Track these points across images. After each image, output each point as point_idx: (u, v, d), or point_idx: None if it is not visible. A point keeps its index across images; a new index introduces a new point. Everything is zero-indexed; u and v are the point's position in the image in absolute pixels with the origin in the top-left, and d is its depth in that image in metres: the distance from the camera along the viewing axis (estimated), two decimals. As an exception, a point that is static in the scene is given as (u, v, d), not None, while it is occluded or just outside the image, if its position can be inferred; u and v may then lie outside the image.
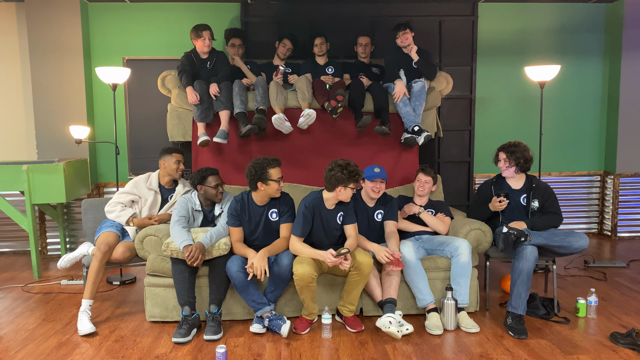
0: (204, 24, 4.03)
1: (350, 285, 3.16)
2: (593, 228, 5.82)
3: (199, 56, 4.11)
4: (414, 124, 3.96)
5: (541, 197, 3.52)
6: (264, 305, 3.14)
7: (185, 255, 3.06)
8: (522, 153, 3.52)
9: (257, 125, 3.81)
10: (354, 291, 3.17)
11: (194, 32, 4.02)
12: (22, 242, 5.30)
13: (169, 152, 3.62)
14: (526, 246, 3.20)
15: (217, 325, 3.10)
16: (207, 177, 3.38)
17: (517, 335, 3.04)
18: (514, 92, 5.59)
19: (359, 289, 3.17)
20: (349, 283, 3.16)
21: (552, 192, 3.55)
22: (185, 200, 3.39)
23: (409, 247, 3.33)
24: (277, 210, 3.32)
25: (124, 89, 5.27)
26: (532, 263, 3.15)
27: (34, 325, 3.34)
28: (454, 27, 5.26)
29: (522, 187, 3.58)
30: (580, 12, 5.53)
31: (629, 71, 5.43)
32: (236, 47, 4.41)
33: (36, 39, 4.96)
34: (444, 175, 5.30)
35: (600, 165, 5.76)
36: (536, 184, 3.54)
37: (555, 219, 3.47)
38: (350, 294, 3.18)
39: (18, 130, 5.28)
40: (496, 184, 3.64)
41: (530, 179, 3.59)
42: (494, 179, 3.68)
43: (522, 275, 3.15)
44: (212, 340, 3.05)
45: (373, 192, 3.41)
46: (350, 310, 3.22)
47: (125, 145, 5.34)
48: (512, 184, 3.60)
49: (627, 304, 3.60)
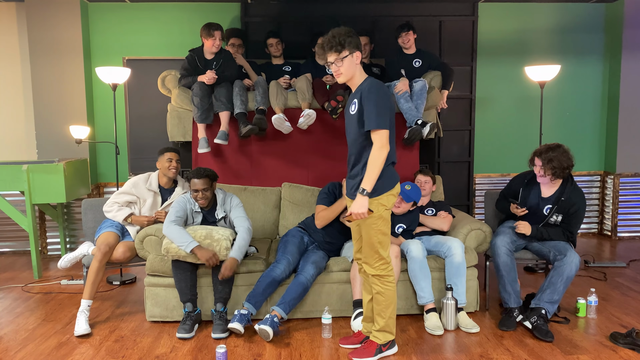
0: (216, 23, 3.95)
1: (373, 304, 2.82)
2: (593, 228, 5.82)
3: (203, 57, 4.05)
4: (417, 118, 3.94)
5: (567, 212, 3.25)
6: (254, 305, 3.11)
7: (203, 260, 3.07)
8: (560, 160, 3.16)
9: (257, 126, 3.80)
10: (387, 309, 2.76)
11: (205, 31, 3.93)
12: (22, 242, 5.30)
13: (161, 152, 3.61)
14: (496, 241, 3.29)
15: (225, 324, 3.10)
16: (190, 179, 3.27)
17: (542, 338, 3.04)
18: (514, 92, 5.59)
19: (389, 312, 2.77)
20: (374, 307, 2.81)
21: (581, 206, 3.23)
22: (184, 201, 3.31)
23: (417, 244, 3.32)
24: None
25: (124, 89, 5.27)
26: (504, 257, 3.24)
27: (34, 325, 3.34)
28: (454, 27, 5.26)
29: (552, 196, 3.29)
30: (580, 12, 5.53)
31: (629, 71, 5.43)
32: (236, 47, 4.40)
33: (36, 39, 4.96)
34: (444, 175, 5.31)
35: (600, 165, 5.77)
36: (566, 198, 3.23)
37: (564, 236, 3.29)
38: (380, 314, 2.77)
39: (18, 130, 5.28)
40: (527, 186, 3.39)
41: (563, 188, 3.26)
42: (527, 179, 3.40)
43: (499, 271, 3.28)
44: (221, 338, 3.06)
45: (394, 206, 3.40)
46: (375, 337, 2.80)
47: (125, 145, 5.34)
48: (544, 190, 3.33)
49: (627, 304, 3.60)
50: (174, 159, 3.56)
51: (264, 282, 3.14)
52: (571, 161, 3.20)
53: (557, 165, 3.17)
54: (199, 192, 3.22)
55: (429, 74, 4.29)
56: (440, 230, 3.60)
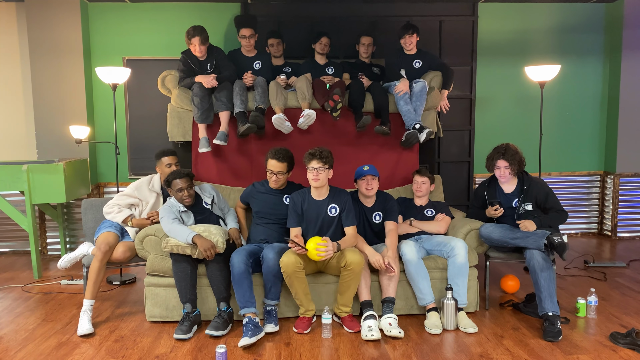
0: (194, 29, 3.87)
1: (342, 286, 3.16)
2: (593, 228, 5.82)
3: (195, 58, 4.04)
4: (415, 121, 3.95)
5: (535, 199, 3.45)
6: (250, 305, 3.12)
7: (202, 248, 3.09)
8: (519, 155, 3.45)
9: (255, 124, 3.80)
10: (347, 292, 3.17)
11: (185, 37, 3.91)
12: (22, 242, 5.30)
13: (159, 157, 3.63)
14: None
15: (221, 323, 3.10)
16: (171, 182, 3.33)
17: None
18: (514, 92, 5.59)
19: (352, 289, 3.17)
20: (342, 284, 3.16)
21: (548, 189, 3.47)
22: (169, 207, 3.35)
23: (411, 246, 3.33)
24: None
25: (124, 89, 5.27)
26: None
27: (34, 325, 3.34)
28: (454, 27, 5.26)
29: (515, 190, 3.51)
30: (580, 12, 5.53)
31: (629, 71, 5.43)
32: (247, 38, 4.18)
33: (36, 39, 4.96)
34: (444, 175, 5.30)
35: (600, 165, 5.76)
36: (527, 186, 3.46)
37: (560, 217, 3.42)
38: (343, 294, 3.18)
39: (18, 130, 5.27)
40: (489, 189, 3.59)
41: (522, 180, 3.51)
42: (487, 183, 3.62)
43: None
44: (211, 335, 3.06)
45: (366, 190, 3.43)
46: (345, 311, 3.22)
47: (125, 145, 5.34)
48: (506, 188, 3.53)
49: (627, 304, 3.60)
50: (172, 164, 3.60)
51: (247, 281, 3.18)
52: (524, 157, 3.53)
53: (519, 159, 3.44)
54: (184, 190, 3.32)
55: (429, 74, 4.30)
56: (438, 233, 3.60)
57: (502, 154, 3.44)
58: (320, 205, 3.31)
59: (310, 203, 3.31)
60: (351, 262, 3.07)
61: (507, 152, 3.42)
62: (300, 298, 3.18)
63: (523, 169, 3.52)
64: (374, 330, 3.02)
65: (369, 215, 3.51)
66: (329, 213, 3.30)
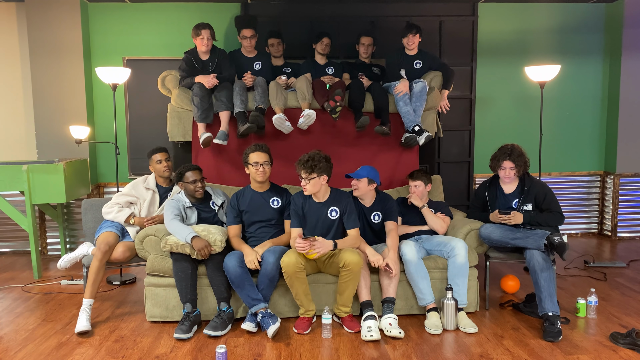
0: (205, 23, 4.00)
1: (341, 286, 3.16)
2: (593, 228, 5.82)
3: (199, 58, 4.08)
4: (414, 123, 3.96)
5: (534, 199, 3.46)
6: (259, 301, 3.13)
7: (197, 248, 3.11)
8: (524, 156, 3.47)
9: (254, 124, 3.80)
10: (346, 291, 3.16)
11: (194, 30, 3.99)
12: (22, 242, 5.30)
13: (149, 155, 3.66)
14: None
15: (220, 323, 3.10)
16: (184, 174, 3.40)
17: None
18: (514, 92, 5.59)
19: (351, 289, 3.16)
20: (340, 284, 3.16)
21: (548, 190, 3.48)
22: (175, 201, 3.42)
23: (411, 246, 3.33)
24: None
25: (124, 89, 5.27)
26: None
27: (34, 325, 3.34)
28: (454, 27, 5.26)
29: (515, 190, 3.52)
30: (580, 12, 5.53)
31: (629, 71, 5.43)
32: (248, 38, 4.22)
33: (36, 39, 4.96)
34: (444, 175, 5.30)
35: (600, 165, 5.76)
36: (528, 187, 3.46)
37: (555, 217, 3.44)
38: (342, 294, 3.18)
39: (18, 130, 5.28)
40: (490, 189, 3.60)
41: (523, 181, 3.52)
42: (488, 183, 3.63)
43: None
44: (209, 335, 3.06)
45: (353, 190, 3.50)
46: (345, 312, 3.22)
47: (125, 145, 5.34)
48: (506, 188, 3.55)
49: (627, 304, 3.60)
50: (163, 159, 3.63)
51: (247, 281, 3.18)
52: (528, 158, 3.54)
53: (524, 161, 3.45)
54: (197, 181, 3.38)
55: (429, 74, 4.30)
56: (436, 231, 3.61)
57: (508, 155, 3.45)
58: (320, 207, 3.31)
59: (310, 205, 3.31)
60: (349, 262, 3.07)
61: (513, 153, 3.44)
62: (300, 298, 3.18)
63: (527, 171, 3.53)
64: (373, 330, 3.02)
65: (367, 215, 3.51)
66: (329, 216, 3.30)
